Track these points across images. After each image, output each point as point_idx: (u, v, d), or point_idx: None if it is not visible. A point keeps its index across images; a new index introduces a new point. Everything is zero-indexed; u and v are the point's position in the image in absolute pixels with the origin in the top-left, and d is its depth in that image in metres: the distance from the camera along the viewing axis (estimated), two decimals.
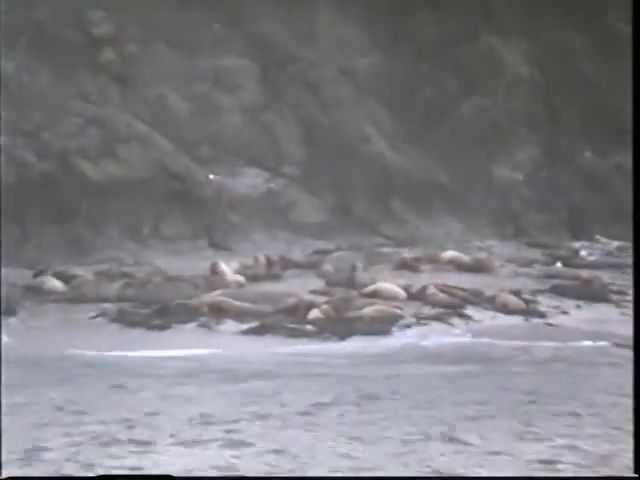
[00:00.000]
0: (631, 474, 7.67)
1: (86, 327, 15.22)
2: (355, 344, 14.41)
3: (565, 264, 20.06)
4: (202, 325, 15.54)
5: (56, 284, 17.42)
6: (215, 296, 16.66)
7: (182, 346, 14.04)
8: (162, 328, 15.38)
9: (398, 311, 16.09)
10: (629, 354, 13.41)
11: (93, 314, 15.96)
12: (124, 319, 15.73)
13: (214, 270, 17.99)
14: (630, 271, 20.06)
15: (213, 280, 17.72)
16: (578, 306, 17.23)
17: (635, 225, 9.75)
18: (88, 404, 9.87)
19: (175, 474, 7.21)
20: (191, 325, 15.48)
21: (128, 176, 21.42)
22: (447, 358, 13.41)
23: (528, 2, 25.22)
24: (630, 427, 8.07)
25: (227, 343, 14.38)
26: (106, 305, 16.36)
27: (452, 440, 8.42)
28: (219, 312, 16.02)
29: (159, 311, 16.02)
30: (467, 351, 13.93)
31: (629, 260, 20.86)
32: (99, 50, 22.39)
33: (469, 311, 16.45)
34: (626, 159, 24.46)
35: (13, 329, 14.67)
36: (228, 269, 18.05)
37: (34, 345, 13.73)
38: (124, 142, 21.77)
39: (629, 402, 8.47)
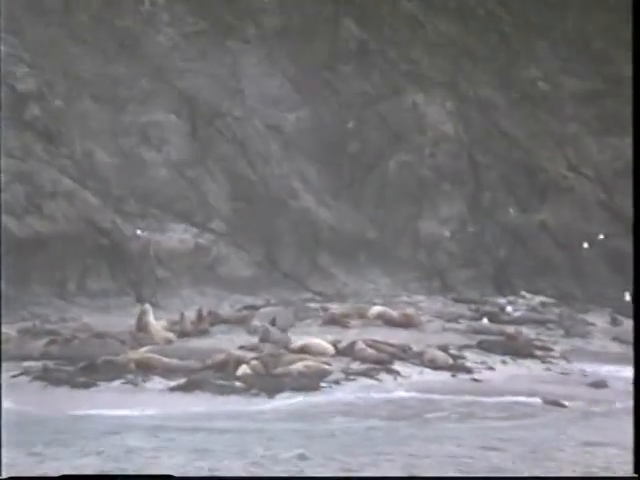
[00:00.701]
0: (631, 474, 7.70)
1: (8, 386, 14.87)
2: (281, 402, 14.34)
3: (491, 320, 20.28)
4: (128, 382, 15.32)
5: None
6: (142, 352, 16.47)
7: (107, 404, 13.79)
8: (87, 386, 15.11)
9: (327, 367, 16.08)
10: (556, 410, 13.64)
11: (16, 372, 15.64)
12: (48, 377, 15.45)
13: (141, 322, 17.79)
14: (553, 326, 20.42)
15: (140, 337, 17.52)
16: (504, 362, 17.40)
17: (635, 225, 9.91)
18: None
19: None
20: (117, 382, 15.25)
21: (54, 232, 21.18)
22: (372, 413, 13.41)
23: (451, 60, 25.69)
24: None
25: (153, 401, 14.17)
26: (29, 363, 16.04)
27: None
28: (146, 369, 15.83)
29: (84, 368, 15.77)
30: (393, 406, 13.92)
31: (552, 316, 21.21)
32: (24, 106, 22.20)
33: (397, 366, 16.50)
34: (549, 215, 24.93)
35: None
36: (156, 325, 17.88)
37: None
38: (50, 198, 21.55)
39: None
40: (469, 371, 16.67)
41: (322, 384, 15.34)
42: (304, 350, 16.83)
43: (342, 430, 12.15)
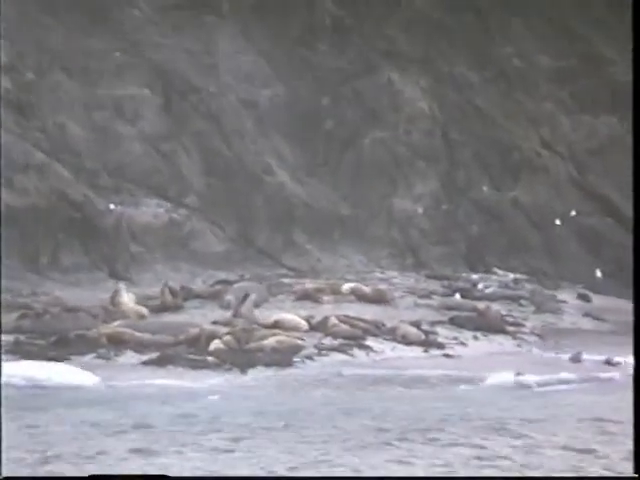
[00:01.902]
0: (631, 474, 7.75)
1: None
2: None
3: (463, 296, 20.37)
4: (100, 356, 15.30)
5: None
6: (114, 327, 16.44)
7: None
8: (59, 360, 15.08)
9: (300, 342, 16.12)
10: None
11: None
12: (20, 350, 15.40)
13: (114, 300, 17.75)
14: (526, 303, 20.54)
15: (113, 311, 17.48)
16: (475, 337, 17.50)
17: (635, 226, 9.95)
18: None
19: None
20: (89, 357, 15.23)
21: (25, 205, 21.05)
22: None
23: (427, 38, 25.67)
24: None
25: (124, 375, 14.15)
26: (1, 337, 15.97)
27: None
28: (118, 343, 15.81)
29: (56, 342, 15.74)
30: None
31: (525, 292, 21.33)
32: None
33: (370, 342, 16.56)
34: (522, 193, 25.02)
35: None
36: (128, 299, 17.83)
37: None
38: (21, 171, 21.40)
39: None
40: (441, 346, 16.76)
41: (295, 359, 15.39)
42: (277, 325, 16.85)
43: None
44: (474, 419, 10.75)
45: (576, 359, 15.51)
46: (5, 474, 7.68)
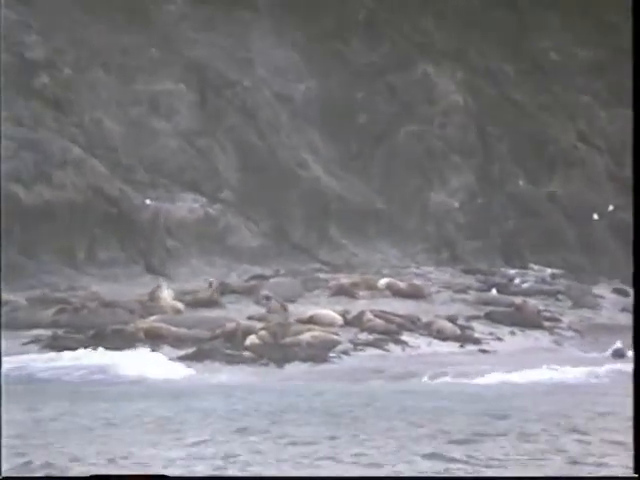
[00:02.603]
0: (631, 474, 7.72)
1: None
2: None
3: (499, 291, 20.26)
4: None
5: None
6: (151, 322, 16.52)
7: None
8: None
9: (335, 337, 16.12)
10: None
11: (25, 340, 15.71)
12: (57, 345, 15.51)
13: (154, 295, 17.81)
14: (563, 298, 20.39)
15: (150, 306, 17.56)
16: (512, 332, 17.42)
17: (635, 227, 9.91)
18: None
19: None
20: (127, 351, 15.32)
21: (62, 200, 21.16)
22: None
23: (462, 31, 25.54)
24: None
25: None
26: (39, 331, 16.11)
27: None
28: (156, 338, 15.89)
29: (94, 337, 15.84)
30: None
31: (561, 287, 21.18)
32: (33, 74, 22.13)
33: (405, 337, 16.54)
34: (558, 187, 24.84)
35: None
36: (167, 295, 17.89)
37: None
38: (59, 166, 21.51)
39: None
40: (477, 342, 16.70)
41: (330, 354, 15.39)
42: (312, 320, 16.86)
43: None
44: None
45: (619, 354, 15.29)
46: (5, 474, 7.72)
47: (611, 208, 24.43)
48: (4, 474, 7.70)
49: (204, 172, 23.16)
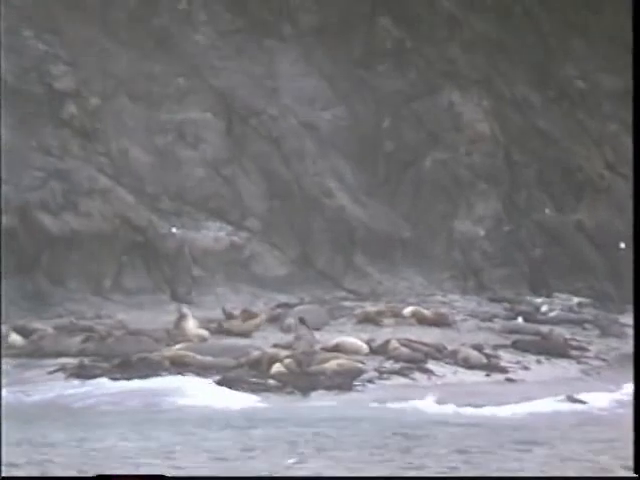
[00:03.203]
0: (631, 474, 7.67)
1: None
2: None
3: (526, 319, 20.17)
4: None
5: (16, 338, 17.23)
6: (176, 350, 16.58)
7: None
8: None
9: (360, 365, 16.09)
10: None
11: (52, 369, 15.79)
12: (84, 373, 15.59)
13: (179, 324, 17.87)
14: (590, 327, 20.26)
15: (175, 334, 17.62)
16: (539, 361, 17.33)
17: (635, 227, 9.88)
18: None
19: None
20: (153, 379, 15.37)
21: (89, 229, 21.31)
22: None
23: (488, 59, 25.57)
24: None
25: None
26: (66, 359, 16.19)
27: None
28: (181, 366, 15.95)
29: (120, 365, 15.92)
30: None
31: (589, 316, 21.05)
32: (61, 104, 22.34)
33: (431, 365, 16.48)
34: (585, 215, 24.74)
35: None
36: (193, 324, 17.94)
37: None
38: (86, 195, 21.67)
39: None
40: (503, 370, 16.62)
41: (355, 383, 15.36)
42: (338, 349, 16.86)
43: None
44: None
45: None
46: (5, 474, 7.74)
47: None
48: (4, 474, 7.72)
49: (229, 200, 23.25)
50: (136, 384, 14.89)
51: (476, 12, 25.81)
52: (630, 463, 9.19)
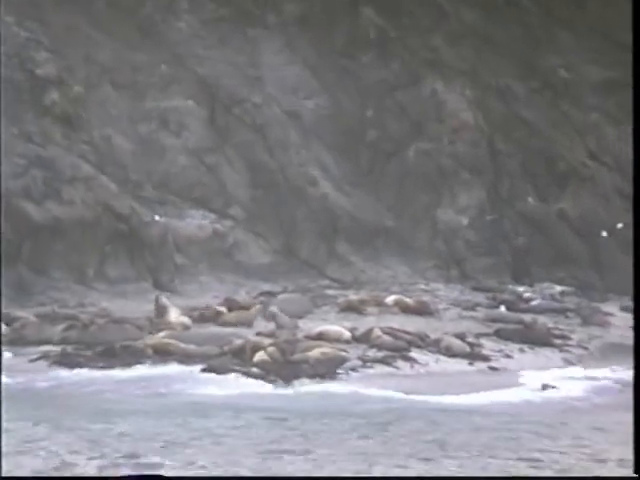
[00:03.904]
0: (631, 474, 7.69)
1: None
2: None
3: (509, 308, 20.23)
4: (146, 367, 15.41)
5: None
6: (160, 338, 16.54)
7: None
8: (105, 370, 15.21)
9: (343, 354, 16.10)
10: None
11: (34, 356, 15.74)
12: (66, 361, 15.54)
13: (159, 312, 17.84)
14: (572, 315, 20.33)
15: (158, 322, 17.59)
16: (521, 350, 17.38)
17: (635, 227, 9.93)
18: None
19: None
20: (136, 367, 15.35)
21: (72, 217, 21.23)
22: None
23: (472, 49, 25.59)
24: None
25: None
26: (48, 347, 16.14)
27: None
28: (164, 354, 15.91)
29: (103, 353, 15.88)
30: None
31: (571, 304, 21.12)
32: (43, 91, 22.24)
33: (414, 354, 16.50)
34: (568, 204, 24.80)
35: None
36: (172, 311, 17.92)
37: None
38: (68, 183, 21.60)
39: None
40: (486, 359, 16.66)
41: (339, 371, 15.36)
42: (321, 337, 16.85)
43: None
44: None
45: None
46: (5, 474, 7.73)
47: (620, 225, 24.37)
48: (4, 474, 7.71)
49: (213, 189, 23.24)
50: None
51: (461, 2, 25.83)
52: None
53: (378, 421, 11.43)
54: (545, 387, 14.49)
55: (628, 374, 15.60)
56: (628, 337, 19.25)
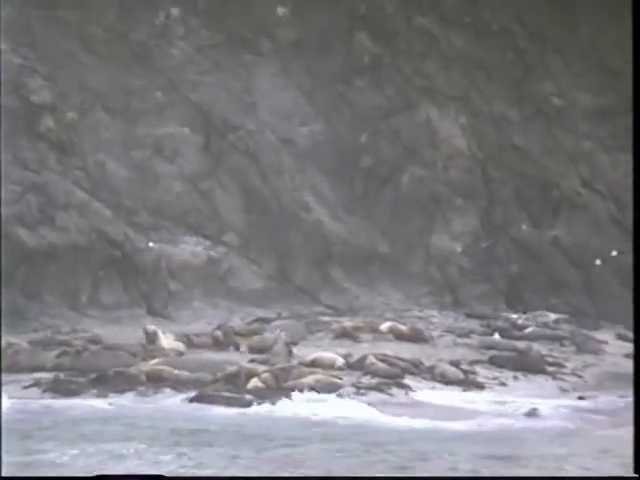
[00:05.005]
0: (631, 474, 7.69)
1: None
2: None
3: (503, 335, 20.23)
4: (140, 394, 15.37)
5: None
6: (153, 364, 16.51)
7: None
8: (99, 397, 15.18)
9: (338, 380, 16.08)
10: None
11: (27, 383, 15.68)
12: (59, 388, 15.49)
13: (150, 338, 17.80)
14: (567, 343, 20.35)
15: (152, 348, 17.56)
16: (515, 377, 17.37)
17: (635, 227, 9.96)
18: None
19: None
20: (129, 394, 15.31)
21: (66, 243, 21.22)
22: None
23: (465, 75, 25.69)
24: None
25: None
26: (41, 374, 16.08)
27: None
28: (157, 380, 15.89)
29: (96, 380, 15.84)
30: None
31: (565, 332, 21.12)
32: (38, 117, 22.27)
33: (408, 381, 16.49)
34: (562, 231, 24.83)
35: None
36: (164, 337, 17.87)
37: None
38: (62, 209, 21.60)
39: None
40: (480, 386, 16.65)
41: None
42: (315, 364, 16.85)
43: None
44: None
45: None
46: (5, 474, 7.71)
47: (614, 253, 24.40)
48: (4, 474, 7.69)
49: (207, 215, 23.24)
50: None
51: (454, 29, 25.93)
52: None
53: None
54: (530, 414, 14.45)
55: (623, 401, 15.68)
56: (622, 365, 19.30)
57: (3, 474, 7.71)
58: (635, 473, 7.77)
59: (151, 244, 22.08)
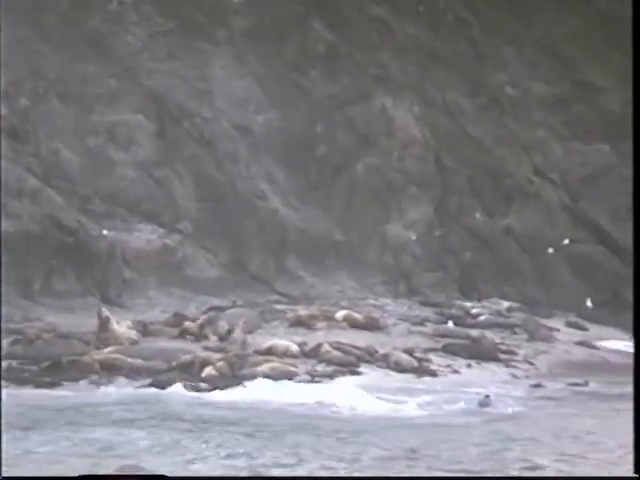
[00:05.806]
0: (631, 474, 7.76)
1: None
2: None
3: (456, 323, 20.36)
4: (93, 382, 15.29)
5: None
6: (107, 353, 16.43)
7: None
8: (52, 386, 15.07)
9: (293, 369, 16.12)
10: None
11: None
12: (11, 377, 15.36)
13: (103, 323, 17.66)
14: (519, 331, 20.53)
15: (106, 337, 17.44)
16: (469, 365, 17.50)
17: (635, 227, 10.04)
18: None
19: None
20: (83, 382, 15.22)
21: (18, 231, 21.02)
22: None
23: (420, 64, 25.77)
24: None
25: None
26: None
27: None
28: (111, 369, 15.81)
29: (49, 368, 15.73)
30: None
31: (518, 320, 21.30)
32: None
33: (362, 369, 16.56)
34: (514, 220, 25.03)
35: None
36: (119, 325, 17.76)
37: None
38: (15, 196, 21.39)
39: None
40: (434, 374, 16.76)
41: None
42: (270, 352, 16.87)
43: None
44: None
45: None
46: (5, 474, 7.68)
47: (566, 242, 24.63)
48: (4, 474, 7.65)
49: (162, 203, 23.12)
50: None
51: (408, 18, 26.00)
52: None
53: None
54: (483, 403, 14.52)
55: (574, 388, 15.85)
56: (573, 353, 19.52)
57: (3, 474, 7.67)
58: (635, 473, 7.87)
59: (105, 232, 21.92)
